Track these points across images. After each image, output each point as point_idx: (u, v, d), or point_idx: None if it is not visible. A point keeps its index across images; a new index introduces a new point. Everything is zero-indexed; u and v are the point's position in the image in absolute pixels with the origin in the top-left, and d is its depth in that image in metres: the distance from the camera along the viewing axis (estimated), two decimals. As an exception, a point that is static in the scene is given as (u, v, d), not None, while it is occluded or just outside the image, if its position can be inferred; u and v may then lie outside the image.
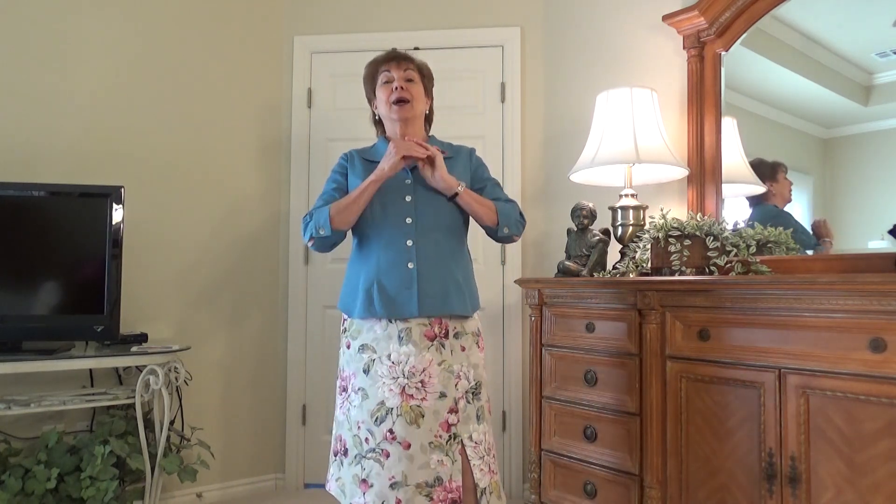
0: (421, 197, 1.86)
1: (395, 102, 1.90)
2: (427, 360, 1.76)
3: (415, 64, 1.97)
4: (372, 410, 1.75)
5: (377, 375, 1.77)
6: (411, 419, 1.73)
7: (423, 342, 1.77)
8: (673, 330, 1.94)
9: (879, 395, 1.51)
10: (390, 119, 1.94)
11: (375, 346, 1.80)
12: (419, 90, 1.94)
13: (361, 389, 1.79)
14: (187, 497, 2.81)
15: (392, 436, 1.73)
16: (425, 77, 1.99)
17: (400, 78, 1.91)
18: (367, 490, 1.73)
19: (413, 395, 1.74)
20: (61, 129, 2.60)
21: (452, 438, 1.75)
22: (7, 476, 2.15)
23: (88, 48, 2.67)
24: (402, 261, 1.80)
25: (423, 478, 1.71)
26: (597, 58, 2.84)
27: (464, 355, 1.83)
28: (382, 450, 1.74)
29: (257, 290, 3.08)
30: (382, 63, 1.96)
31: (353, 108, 3.14)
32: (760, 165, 2.27)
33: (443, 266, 1.83)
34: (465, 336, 1.84)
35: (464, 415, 1.78)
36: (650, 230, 2.11)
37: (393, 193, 1.86)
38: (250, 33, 3.10)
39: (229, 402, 2.97)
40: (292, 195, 3.14)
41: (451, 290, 1.82)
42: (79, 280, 2.36)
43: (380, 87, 1.95)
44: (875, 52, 2.01)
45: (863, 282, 1.53)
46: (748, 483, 1.75)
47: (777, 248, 2.11)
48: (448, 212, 1.86)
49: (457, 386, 1.78)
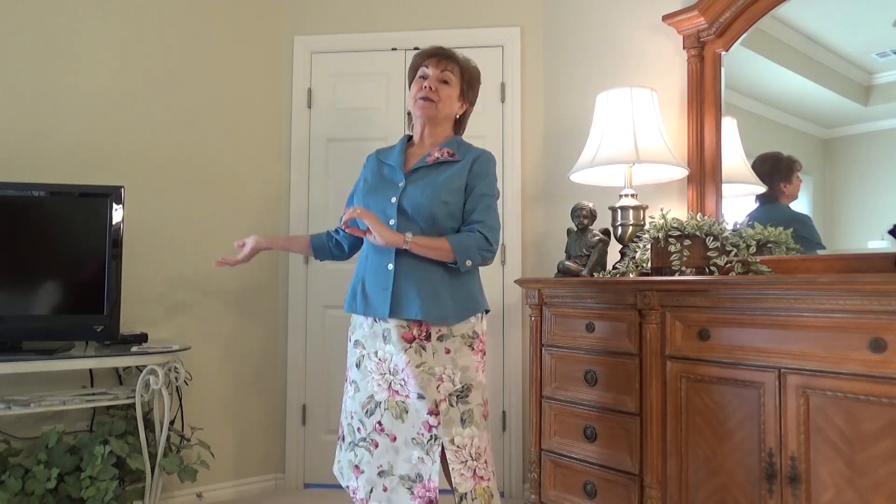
0: (406, 201, 1.84)
1: (420, 98, 1.88)
2: (405, 361, 1.76)
3: (458, 65, 1.92)
4: (363, 402, 1.86)
5: (367, 371, 1.86)
6: (397, 413, 1.80)
7: (400, 343, 1.78)
8: (673, 330, 1.94)
9: (879, 395, 1.51)
10: (415, 116, 1.93)
11: (365, 343, 1.88)
12: (451, 93, 1.90)
13: (354, 382, 1.90)
14: (187, 497, 2.81)
15: (381, 427, 1.82)
16: (465, 81, 1.94)
17: (434, 76, 1.88)
18: (360, 475, 1.85)
19: (398, 392, 1.80)
20: (61, 129, 2.60)
21: (433, 440, 1.76)
22: (7, 476, 2.15)
23: (88, 48, 2.67)
24: (384, 262, 1.83)
25: (405, 470, 1.78)
26: (597, 58, 2.84)
27: (448, 357, 1.80)
28: (372, 440, 1.84)
29: (257, 290, 3.08)
30: (426, 57, 1.92)
31: (353, 108, 3.15)
32: (777, 162, 2.21)
33: (423, 270, 1.80)
34: (452, 339, 1.82)
35: (445, 418, 1.76)
36: (650, 230, 2.10)
37: (382, 194, 1.88)
38: (250, 33, 3.10)
39: (229, 402, 2.97)
40: (292, 195, 3.14)
41: (427, 295, 1.78)
42: (79, 280, 2.36)
43: (414, 82, 1.93)
44: (875, 52, 2.01)
45: (863, 282, 1.53)
46: (748, 483, 1.75)
47: (777, 248, 2.11)
48: (427, 213, 1.82)
49: (438, 388, 1.77)
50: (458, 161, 1.90)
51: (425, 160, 1.90)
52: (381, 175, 1.95)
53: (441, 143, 1.93)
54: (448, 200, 1.84)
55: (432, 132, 1.93)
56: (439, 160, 1.89)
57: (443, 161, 1.89)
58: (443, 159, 1.89)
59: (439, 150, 1.91)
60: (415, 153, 1.96)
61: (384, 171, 1.96)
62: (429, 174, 1.88)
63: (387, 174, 1.95)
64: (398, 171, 1.92)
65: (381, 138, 3.09)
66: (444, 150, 1.91)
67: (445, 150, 1.91)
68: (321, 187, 3.14)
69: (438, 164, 1.89)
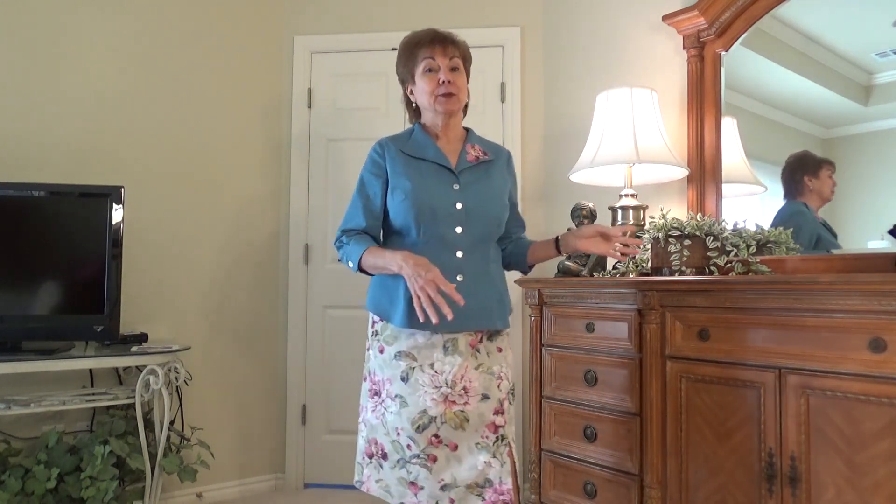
0: (471, 205, 1.73)
1: (442, 95, 1.74)
2: (463, 367, 1.69)
3: (460, 49, 1.79)
4: (413, 419, 1.67)
5: (417, 384, 1.69)
6: (456, 424, 1.67)
7: (468, 351, 1.71)
8: (673, 330, 1.93)
9: (879, 395, 1.51)
10: (433, 111, 1.78)
11: (416, 355, 1.71)
12: (463, 80, 1.79)
13: (399, 397, 1.70)
14: (187, 497, 2.81)
15: (438, 440, 1.67)
16: (467, 61, 1.83)
17: (446, 67, 1.75)
18: (419, 491, 1.69)
19: (456, 402, 1.68)
20: (61, 129, 2.60)
21: (500, 440, 1.70)
22: (7, 476, 2.15)
23: (88, 48, 2.67)
24: (451, 272, 1.68)
25: (472, 478, 1.67)
26: (597, 58, 2.84)
27: (501, 356, 1.78)
28: (429, 455, 1.68)
29: (257, 290, 3.08)
30: (426, 46, 1.76)
31: (353, 108, 3.15)
32: (805, 157, 2.16)
33: (488, 279, 1.76)
34: (500, 337, 1.80)
35: (508, 416, 1.74)
36: (650, 230, 2.10)
37: (442, 198, 1.72)
38: (250, 33, 3.10)
39: (229, 402, 2.97)
40: (292, 195, 3.14)
41: (495, 303, 1.76)
42: (79, 280, 2.36)
43: (421, 76, 1.76)
44: (875, 52, 2.01)
45: (863, 282, 1.53)
46: (748, 483, 1.75)
47: (777, 248, 2.11)
48: (496, 220, 1.78)
49: (499, 387, 1.73)
50: (493, 160, 1.83)
51: (466, 159, 1.79)
52: (424, 173, 1.76)
53: (466, 139, 1.84)
54: (505, 206, 1.82)
55: (454, 125, 1.82)
56: (480, 160, 1.80)
57: (484, 161, 1.81)
58: (483, 159, 1.81)
59: (473, 148, 1.81)
60: (445, 149, 1.81)
61: (423, 168, 1.76)
62: (481, 176, 1.79)
63: (433, 172, 1.76)
64: (449, 170, 1.76)
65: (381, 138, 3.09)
66: (476, 146, 1.82)
67: (478, 146, 1.82)
68: (321, 187, 3.14)
69: (483, 165, 1.81)
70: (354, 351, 3.07)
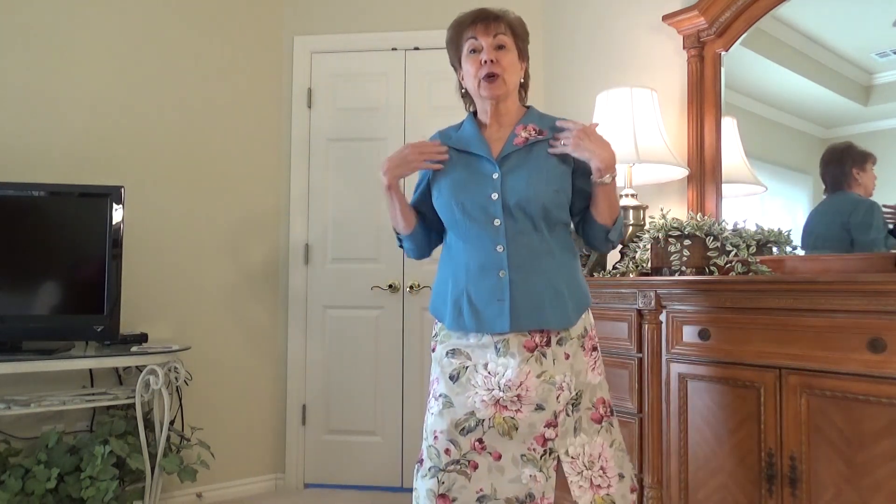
0: (510, 193, 1.56)
1: (484, 78, 1.59)
2: (525, 372, 1.54)
3: (506, 24, 1.63)
4: (458, 420, 1.56)
5: (469, 384, 1.57)
6: (504, 430, 1.55)
7: (522, 353, 1.55)
8: (673, 330, 1.93)
9: (879, 395, 1.51)
10: (479, 97, 1.65)
11: (470, 353, 1.59)
12: (512, 58, 1.62)
13: (444, 396, 1.59)
14: (187, 497, 2.81)
15: (481, 445, 1.56)
16: (518, 37, 1.66)
17: (489, 47, 1.59)
18: None
19: (507, 407, 1.55)
20: (61, 129, 2.60)
21: (548, 454, 1.56)
22: (7, 476, 2.15)
23: (89, 48, 2.67)
24: (493, 268, 1.56)
25: (513, 492, 1.55)
26: (597, 58, 2.84)
27: (567, 364, 1.58)
28: (469, 461, 1.56)
29: (257, 290, 3.08)
30: (468, 26, 1.63)
31: (354, 108, 3.15)
32: (850, 149, 2.07)
33: (539, 272, 1.56)
34: (570, 342, 1.60)
35: (562, 429, 1.57)
36: (650, 230, 2.10)
37: (476, 190, 1.59)
38: (250, 33, 3.10)
39: (229, 402, 2.97)
40: (292, 195, 3.14)
41: (549, 300, 1.56)
42: (79, 280, 2.36)
43: (466, 58, 1.63)
44: (875, 52, 2.01)
45: (863, 282, 1.53)
46: (748, 483, 1.75)
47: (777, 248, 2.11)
48: (540, 205, 1.56)
49: (558, 398, 1.55)
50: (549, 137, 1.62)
51: (513, 142, 1.61)
52: (464, 166, 1.64)
53: (521, 119, 1.65)
54: (559, 188, 1.59)
55: (506, 109, 1.66)
56: (529, 140, 1.61)
57: (534, 141, 1.61)
58: (533, 139, 1.61)
59: (524, 129, 1.63)
60: (493, 136, 1.65)
61: (463, 162, 1.64)
62: (527, 159, 1.60)
63: (474, 165, 1.63)
64: (488, 160, 1.61)
65: (381, 138, 3.09)
66: (528, 126, 1.63)
67: (531, 126, 1.63)
68: (321, 187, 3.14)
69: (531, 146, 1.61)
70: (355, 351, 3.07)
